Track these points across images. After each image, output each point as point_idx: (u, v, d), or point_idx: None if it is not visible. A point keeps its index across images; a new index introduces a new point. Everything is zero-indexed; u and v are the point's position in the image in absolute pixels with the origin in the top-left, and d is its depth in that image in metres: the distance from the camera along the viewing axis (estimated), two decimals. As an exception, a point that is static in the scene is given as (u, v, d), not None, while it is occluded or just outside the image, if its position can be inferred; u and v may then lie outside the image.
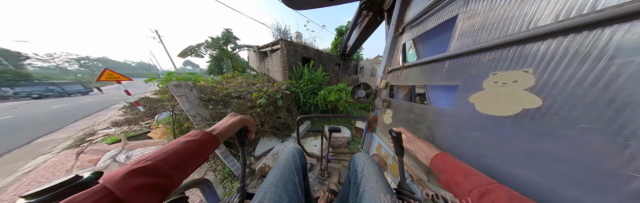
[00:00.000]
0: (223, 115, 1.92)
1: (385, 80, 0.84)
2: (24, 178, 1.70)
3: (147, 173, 0.20)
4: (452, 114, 0.42)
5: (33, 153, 2.42)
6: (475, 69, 0.35)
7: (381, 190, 0.33)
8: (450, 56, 0.42)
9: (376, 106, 0.93)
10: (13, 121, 4.67)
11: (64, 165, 1.86)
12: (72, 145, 2.48)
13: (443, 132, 0.46)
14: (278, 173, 0.38)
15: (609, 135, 0.19)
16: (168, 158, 0.22)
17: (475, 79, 0.35)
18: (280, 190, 0.32)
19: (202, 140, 0.27)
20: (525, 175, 0.27)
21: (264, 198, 0.30)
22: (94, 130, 3.06)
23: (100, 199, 0.16)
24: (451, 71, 0.43)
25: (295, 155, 0.46)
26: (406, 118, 0.66)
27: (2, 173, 1.88)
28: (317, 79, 3.28)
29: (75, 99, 11.52)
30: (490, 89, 0.32)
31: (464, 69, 0.38)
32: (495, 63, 0.31)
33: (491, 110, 0.32)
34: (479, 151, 0.35)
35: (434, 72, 0.50)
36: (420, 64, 0.56)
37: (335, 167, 1.02)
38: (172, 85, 1.60)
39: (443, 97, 0.76)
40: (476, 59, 0.35)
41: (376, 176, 0.38)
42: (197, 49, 5.22)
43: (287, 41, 3.34)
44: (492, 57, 0.32)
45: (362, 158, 0.47)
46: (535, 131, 0.25)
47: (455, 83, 0.40)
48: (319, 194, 0.80)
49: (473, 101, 0.35)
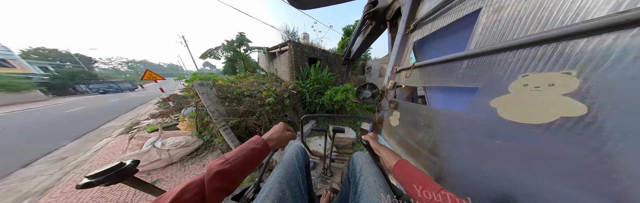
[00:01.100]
0: (236, 111, 2.14)
1: (393, 80, 0.79)
2: (96, 155, 2.23)
3: (226, 176, 0.24)
4: (469, 119, 0.38)
5: (99, 136, 3.12)
6: (500, 70, 0.30)
7: (379, 190, 0.33)
8: (470, 55, 0.36)
9: (382, 108, 0.89)
10: (86, 110, 6.01)
11: (120, 147, 2.37)
12: (124, 131, 3.09)
13: (455, 137, 0.42)
14: (282, 171, 0.38)
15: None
16: (239, 164, 0.26)
17: (499, 81, 0.30)
18: (284, 187, 0.33)
19: (262, 150, 0.31)
20: (550, 186, 0.24)
21: (269, 193, 0.31)
22: (138, 120, 3.72)
23: (199, 192, 0.22)
24: (470, 72, 0.37)
25: (299, 154, 0.46)
26: (415, 120, 0.62)
27: (83, 149, 2.51)
28: (323, 79, 3.34)
29: (125, 94, 13.88)
30: (518, 93, 0.27)
31: (486, 70, 0.33)
32: (527, 63, 0.26)
33: (518, 116, 0.27)
34: (499, 160, 0.31)
35: (449, 73, 0.44)
36: (433, 63, 0.50)
37: (338, 167, 1.01)
38: (196, 84, 1.87)
39: (443, 99, 0.71)
40: (502, 58, 0.30)
41: (374, 176, 0.37)
42: (216, 52, 5.78)
43: (294, 43, 3.46)
44: (522, 57, 0.27)
45: (361, 157, 0.46)
46: (575, 143, 0.21)
47: (475, 85, 0.36)
48: (322, 192, 0.81)
49: (495, 105, 0.31)
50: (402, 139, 0.73)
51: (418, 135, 0.60)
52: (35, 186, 1.67)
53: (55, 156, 2.33)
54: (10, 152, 2.60)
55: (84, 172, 1.82)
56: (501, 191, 0.31)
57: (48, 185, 1.64)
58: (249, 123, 2.12)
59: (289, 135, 0.39)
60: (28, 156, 2.33)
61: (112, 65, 66.73)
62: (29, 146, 2.74)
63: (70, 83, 18.20)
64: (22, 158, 2.28)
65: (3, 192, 1.62)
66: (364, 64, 7.37)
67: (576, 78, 0.21)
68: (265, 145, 0.32)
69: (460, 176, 0.41)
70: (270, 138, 0.35)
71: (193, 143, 2.09)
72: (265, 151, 0.32)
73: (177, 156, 1.89)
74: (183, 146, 1.97)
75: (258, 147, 0.31)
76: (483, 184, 0.34)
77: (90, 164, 1.99)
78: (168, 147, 1.87)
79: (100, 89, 17.08)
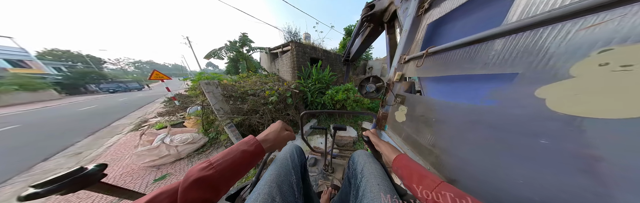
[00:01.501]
0: (240, 110, 2.22)
1: (400, 72, 0.70)
2: (108, 150, 2.36)
3: (207, 185, 0.21)
4: (500, 113, 0.31)
5: (111, 133, 3.27)
6: (558, 47, 0.22)
7: (384, 192, 0.30)
8: (509, 31, 0.27)
9: (387, 102, 0.81)
10: (97, 109, 6.30)
11: (130, 143, 2.50)
12: (133, 128, 3.24)
13: (479, 136, 0.35)
14: (274, 173, 0.34)
15: None
16: (225, 169, 0.23)
17: (555, 63, 0.23)
18: (273, 191, 0.29)
19: (255, 153, 0.27)
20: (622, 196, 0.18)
21: (257, 198, 0.27)
22: (146, 118, 3.88)
23: (167, 197, 0.19)
24: (507, 54, 0.29)
25: (294, 154, 0.42)
26: (426, 116, 0.54)
27: (97, 145, 2.65)
28: (324, 79, 3.39)
29: (132, 93, 14.43)
30: (585, 77, 0.20)
31: (530, 49, 0.25)
32: (611, 33, 0.18)
33: (581, 109, 0.20)
34: (546, 164, 0.24)
35: (475, 57, 0.36)
36: (455, 47, 0.41)
37: (339, 163, 1.01)
38: (203, 83, 1.95)
39: (440, 90, 0.61)
40: (563, 29, 0.22)
41: (377, 178, 0.34)
42: (219, 52, 5.92)
43: (296, 43, 3.52)
44: (601, 24, 0.18)
45: (362, 156, 0.43)
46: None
47: (513, 70, 0.28)
48: (323, 188, 0.81)
49: (543, 95, 0.24)
50: (409, 136, 0.66)
51: (429, 132, 0.53)
52: (56, 178, 1.80)
53: (72, 151, 2.48)
54: (32, 146, 2.78)
55: (99, 166, 1.94)
56: (541, 200, 0.25)
57: (67, 177, 1.77)
58: (253, 121, 2.19)
59: (287, 135, 0.35)
60: (47, 151, 2.49)
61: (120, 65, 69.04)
62: (48, 142, 2.92)
63: (81, 82, 19.01)
64: (42, 152, 2.44)
65: (29, 183, 1.76)
66: (365, 64, 7.36)
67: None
68: (259, 147, 0.28)
69: (483, 181, 0.35)
70: (266, 138, 0.31)
71: (199, 140, 2.18)
72: (258, 154, 0.28)
73: (184, 152, 1.99)
74: (190, 143, 2.07)
75: (250, 149, 0.27)
76: (515, 191, 0.28)
77: (105, 158, 2.11)
78: (176, 143, 1.96)
79: (110, 88, 17.88)
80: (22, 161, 2.23)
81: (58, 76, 19.21)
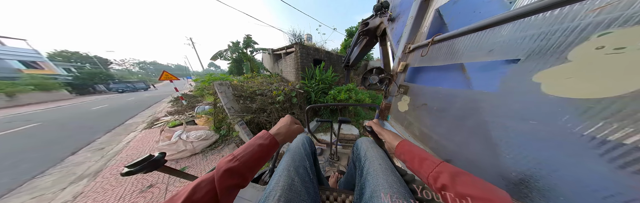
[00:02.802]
0: (249, 109, 2.38)
1: (405, 62, 0.69)
2: (129, 146, 2.56)
3: (235, 174, 0.24)
4: (497, 99, 0.32)
5: (126, 130, 3.49)
6: (561, 32, 0.23)
7: (385, 172, 0.34)
8: (520, 15, 0.27)
9: (390, 93, 0.84)
10: (109, 108, 6.59)
11: (149, 139, 2.69)
12: (147, 126, 3.44)
13: (477, 121, 0.37)
14: (289, 160, 0.39)
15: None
16: (247, 161, 0.26)
17: (555, 48, 0.24)
18: (292, 174, 0.34)
19: (270, 145, 0.31)
20: (588, 164, 0.21)
21: (279, 181, 0.32)
22: (157, 117, 4.08)
23: (210, 190, 0.22)
24: (513, 39, 0.29)
25: (305, 143, 0.47)
26: (428, 105, 0.56)
27: (116, 141, 2.86)
28: (327, 79, 3.51)
29: (139, 93, 14.88)
30: (581, 61, 0.21)
31: (536, 34, 0.26)
32: (611, 16, 0.19)
33: (572, 91, 0.22)
34: (531, 141, 0.27)
35: (480, 45, 0.36)
36: (462, 34, 0.40)
37: (344, 152, 1.11)
38: (216, 84, 2.12)
39: (442, 78, 0.60)
40: (568, 15, 0.22)
41: (379, 159, 0.38)
42: (225, 54, 6.11)
43: (301, 45, 3.66)
44: (607, 7, 0.19)
45: (365, 142, 0.47)
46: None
47: (515, 57, 0.29)
48: (330, 174, 0.88)
49: (540, 79, 0.25)
50: (411, 124, 0.68)
51: (429, 119, 0.56)
52: (87, 169, 1.99)
53: (95, 147, 2.69)
54: (57, 142, 3.01)
55: (123, 159, 2.12)
56: (525, 172, 0.28)
57: (97, 168, 1.96)
58: (261, 119, 2.35)
59: (297, 128, 0.39)
60: (73, 146, 2.71)
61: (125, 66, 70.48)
62: (71, 138, 3.15)
63: (90, 82, 19.57)
64: (68, 147, 2.66)
65: (64, 173, 1.96)
66: (366, 64, 7.45)
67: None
68: (273, 140, 0.32)
69: (476, 160, 0.38)
70: (278, 132, 0.35)
71: (211, 137, 2.35)
72: (273, 147, 0.32)
73: (199, 148, 2.16)
74: (203, 139, 2.24)
75: (266, 143, 0.31)
76: (503, 166, 0.32)
77: (126, 153, 2.30)
78: (192, 139, 2.13)
79: (119, 88, 18.54)
80: (54, 154, 2.44)
81: (68, 76, 19.78)
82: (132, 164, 0.33)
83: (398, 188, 0.29)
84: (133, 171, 0.32)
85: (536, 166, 0.27)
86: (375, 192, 0.29)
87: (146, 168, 0.34)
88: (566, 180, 0.24)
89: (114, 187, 1.60)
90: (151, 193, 1.49)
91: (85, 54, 35.42)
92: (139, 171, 0.33)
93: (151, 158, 0.35)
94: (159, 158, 0.36)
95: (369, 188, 0.31)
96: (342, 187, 0.57)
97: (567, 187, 0.24)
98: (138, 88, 20.08)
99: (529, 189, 0.29)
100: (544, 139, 0.26)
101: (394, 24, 0.85)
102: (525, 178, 0.29)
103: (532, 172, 0.28)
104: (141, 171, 0.33)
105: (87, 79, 19.65)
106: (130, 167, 0.33)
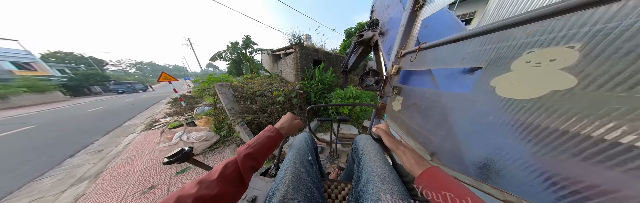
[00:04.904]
0: (250, 109, 2.39)
1: (397, 65, 0.77)
2: (128, 147, 2.55)
3: (251, 157, 0.30)
4: (468, 99, 0.40)
5: (125, 132, 3.46)
6: (507, 48, 0.30)
7: (378, 162, 0.38)
8: (481, 32, 0.35)
9: (385, 93, 0.91)
10: (106, 110, 6.50)
11: (149, 141, 2.68)
12: (145, 128, 3.42)
13: (455, 118, 0.44)
14: (295, 154, 0.43)
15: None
16: (260, 148, 0.32)
17: (503, 60, 0.31)
18: (298, 166, 0.38)
19: (276, 137, 0.37)
20: (533, 149, 0.27)
21: (287, 171, 0.36)
22: (156, 119, 4.05)
23: (236, 169, 0.28)
24: (477, 51, 0.37)
25: (307, 140, 0.52)
26: (417, 104, 0.63)
27: (115, 143, 2.85)
28: (327, 80, 3.54)
29: (137, 95, 14.65)
30: (518, 71, 0.28)
31: (492, 49, 0.33)
32: (535, 39, 0.26)
33: (513, 93, 0.29)
34: (491, 134, 0.33)
35: (455, 54, 0.44)
36: (441, 44, 0.48)
37: (343, 150, 1.17)
38: (217, 85, 2.13)
39: (429, 81, 0.68)
40: (511, 35, 0.30)
41: (374, 152, 0.42)
42: (224, 54, 6.10)
43: (300, 46, 3.68)
44: (532, 32, 0.26)
45: (363, 139, 0.50)
46: (557, 113, 0.23)
47: (479, 65, 0.36)
48: (330, 170, 0.95)
49: (494, 84, 0.32)
50: (404, 122, 0.76)
51: (419, 117, 0.63)
52: (87, 171, 1.98)
53: (93, 149, 2.66)
54: (54, 145, 2.97)
55: (123, 161, 2.12)
56: (486, 157, 0.35)
57: (97, 170, 1.95)
58: (261, 119, 2.36)
59: (297, 123, 0.45)
60: (71, 148, 2.68)
61: (122, 67, 69.36)
62: (68, 140, 3.11)
63: (85, 84, 19.25)
64: (66, 150, 2.63)
65: (63, 176, 1.95)
66: (365, 65, 7.53)
67: (578, 51, 0.21)
68: (279, 133, 0.38)
69: (454, 150, 0.45)
70: (282, 126, 0.41)
71: (212, 138, 2.36)
72: (279, 138, 0.38)
73: (199, 149, 2.17)
74: (204, 140, 2.24)
75: (273, 135, 0.37)
76: (472, 154, 0.39)
77: (127, 155, 2.29)
78: (192, 140, 2.14)
79: (119, 89, 18.45)
80: (51, 157, 2.42)
81: (62, 77, 19.41)
82: (170, 155, 0.41)
83: (389, 174, 0.34)
84: (172, 161, 0.41)
85: (493, 152, 0.35)
86: (370, 179, 0.33)
87: (180, 159, 0.41)
88: (511, 161, 0.31)
89: (116, 188, 1.60)
90: (153, 194, 1.49)
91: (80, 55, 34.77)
92: (176, 161, 0.41)
93: (183, 151, 0.42)
94: (189, 152, 0.44)
95: (364, 176, 0.35)
96: None
97: (512, 166, 0.32)
98: (137, 88, 19.97)
99: (490, 171, 0.36)
100: (497, 130, 0.33)
101: (384, 37, 0.96)
102: (487, 163, 0.36)
103: (491, 157, 0.35)
104: (177, 161, 0.41)
105: (82, 80, 19.30)
106: (169, 158, 0.41)
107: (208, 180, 0.25)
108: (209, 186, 0.24)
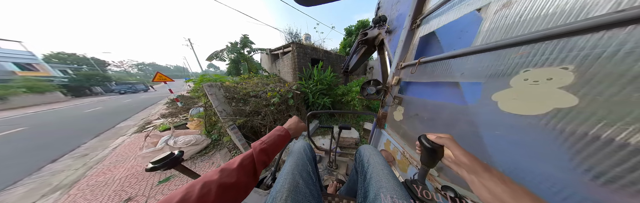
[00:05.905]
0: (243, 111, 2.23)
1: (398, 76, 0.80)
2: (113, 152, 2.40)
3: (265, 152, 0.32)
4: (471, 112, 0.41)
5: (116, 134, 3.33)
6: (503, 66, 0.32)
7: (387, 176, 0.37)
8: (475, 51, 0.38)
9: (386, 103, 0.92)
10: (102, 111, 6.41)
11: (135, 145, 2.53)
12: (137, 130, 3.29)
13: (459, 130, 0.46)
14: (293, 164, 0.42)
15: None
16: (272, 145, 0.34)
17: (501, 77, 0.33)
18: (296, 177, 0.37)
19: (285, 136, 0.39)
20: (544, 169, 0.27)
21: (284, 183, 0.35)
22: (150, 120, 3.93)
23: (251, 161, 0.30)
24: (475, 67, 0.39)
25: (306, 149, 0.51)
26: (419, 115, 0.65)
27: (103, 147, 2.70)
28: (326, 79, 3.38)
29: (137, 95, 14.72)
30: (518, 87, 0.30)
31: (490, 66, 0.35)
32: (529, 59, 0.28)
33: (516, 109, 0.30)
34: (499, 148, 0.34)
35: (454, 68, 0.46)
36: (439, 59, 0.51)
37: (342, 160, 1.09)
38: (206, 85, 1.97)
39: (430, 93, 0.69)
40: (506, 54, 0.32)
41: (381, 165, 0.41)
42: (221, 54, 5.97)
43: (297, 44, 3.54)
44: (525, 53, 0.29)
45: (368, 149, 0.49)
46: (565, 131, 0.24)
47: (479, 80, 0.38)
48: (328, 183, 0.87)
49: (496, 99, 0.34)
50: (406, 133, 0.77)
51: (421, 128, 0.64)
52: (64, 179, 1.83)
53: (79, 153, 2.52)
54: (41, 148, 2.85)
55: (105, 167, 1.97)
56: (493, 164, 0.36)
57: (75, 178, 1.80)
58: (255, 122, 2.20)
59: (303, 125, 0.48)
60: (55, 152, 2.55)
61: (124, 67, 70.15)
62: (55, 143, 2.98)
63: (86, 84, 19.39)
64: (51, 154, 2.49)
65: (38, 184, 1.80)
66: (366, 64, 7.37)
67: (572, 72, 0.23)
68: (287, 133, 0.41)
69: None
70: (290, 127, 0.44)
71: (202, 142, 2.20)
72: (287, 138, 0.40)
73: (188, 154, 2.01)
74: (193, 145, 2.09)
75: (283, 134, 0.39)
76: None
77: (110, 160, 2.15)
78: (180, 145, 1.98)
79: (121, 89, 18.86)
80: (31, 162, 2.28)
81: (64, 78, 19.57)
82: (156, 160, 0.38)
83: (400, 191, 0.33)
84: (156, 167, 0.37)
85: (499, 166, 0.36)
86: (378, 195, 0.32)
87: (167, 165, 0.38)
88: (514, 166, 0.33)
89: (89, 200, 1.45)
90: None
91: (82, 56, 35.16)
92: (162, 167, 0.37)
93: (172, 156, 0.39)
94: (178, 157, 0.40)
95: (372, 192, 0.35)
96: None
97: (516, 171, 0.33)
98: (138, 89, 20.13)
99: None
100: (504, 145, 0.34)
101: (391, 35, 0.92)
102: None
103: (496, 162, 0.36)
104: (163, 167, 0.38)
105: (84, 81, 19.46)
106: (154, 163, 0.37)
107: (229, 169, 0.27)
108: (230, 174, 0.26)
